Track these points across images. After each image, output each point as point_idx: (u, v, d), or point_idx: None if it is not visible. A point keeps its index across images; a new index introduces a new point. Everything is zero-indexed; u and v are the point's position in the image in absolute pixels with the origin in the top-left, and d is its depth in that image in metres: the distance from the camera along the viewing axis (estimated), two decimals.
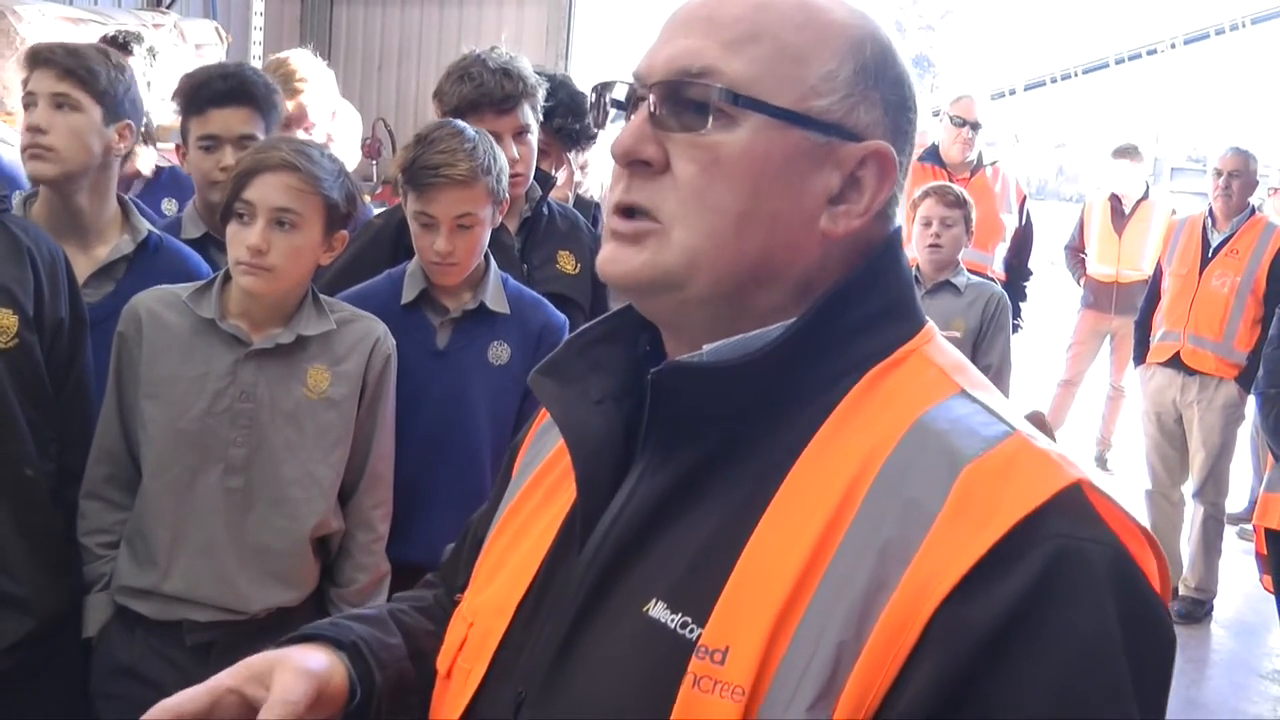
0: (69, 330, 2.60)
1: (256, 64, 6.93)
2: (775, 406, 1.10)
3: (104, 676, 2.59)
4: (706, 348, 1.12)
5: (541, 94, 3.27)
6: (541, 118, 3.31)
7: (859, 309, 1.13)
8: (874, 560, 0.97)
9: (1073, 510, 0.99)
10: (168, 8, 8.83)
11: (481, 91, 3.13)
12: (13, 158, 3.36)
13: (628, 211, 1.13)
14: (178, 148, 3.35)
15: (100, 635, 2.59)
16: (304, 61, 4.06)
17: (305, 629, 1.32)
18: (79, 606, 2.59)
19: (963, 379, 1.12)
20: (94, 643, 2.60)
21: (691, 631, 1.02)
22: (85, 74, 2.74)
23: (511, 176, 3.08)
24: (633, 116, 1.15)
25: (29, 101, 2.76)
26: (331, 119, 4.32)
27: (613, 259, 1.14)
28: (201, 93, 3.17)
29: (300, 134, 3.77)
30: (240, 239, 2.50)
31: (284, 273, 2.52)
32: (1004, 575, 0.94)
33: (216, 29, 8.29)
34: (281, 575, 2.59)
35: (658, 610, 1.06)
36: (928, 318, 1.20)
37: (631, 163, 1.13)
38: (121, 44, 4.06)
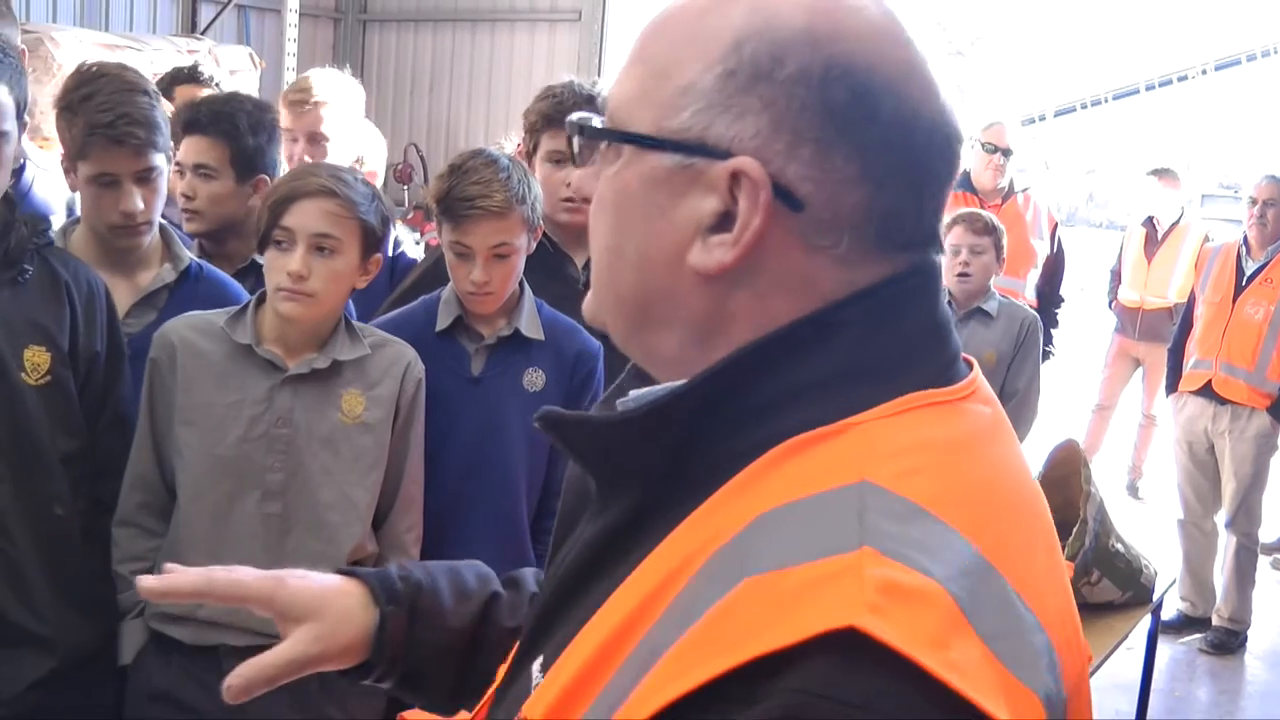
0: (105, 363, 2.60)
1: None
2: (685, 472, 0.94)
3: (139, 702, 2.59)
4: (633, 393, 1.02)
5: None
6: None
7: (792, 371, 0.92)
8: (639, 668, 0.82)
9: (835, 657, 0.73)
10: (202, 34, 8.91)
11: (560, 109, 3.14)
12: (43, 194, 3.37)
13: None
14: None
15: (135, 661, 2.60)
16: (321, 79, 4.09)
17: (393, 578, 1.33)
18: (110, 641, 2.59)
19: (885, 467, 0.85)
20: (129, 669, 2.60)
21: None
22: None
23: (573, 202, 3.09)
24: None
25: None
26: (351, 138, 4.35)
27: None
28: (178, 121, 3.18)
29: (327, 147, 3.79)
30: (280, 265, 2.51)
31: (324, 298, 2.54)
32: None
33: (250, 55, 8.36)
34: None
35: (535, 667, 1.00)
36: (962, 362, 0.99)
37: (585, 200, 1.07)
38: (189, 76, 4.11)
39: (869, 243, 0.94)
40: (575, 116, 1.04)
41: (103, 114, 2.63)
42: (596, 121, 1.02)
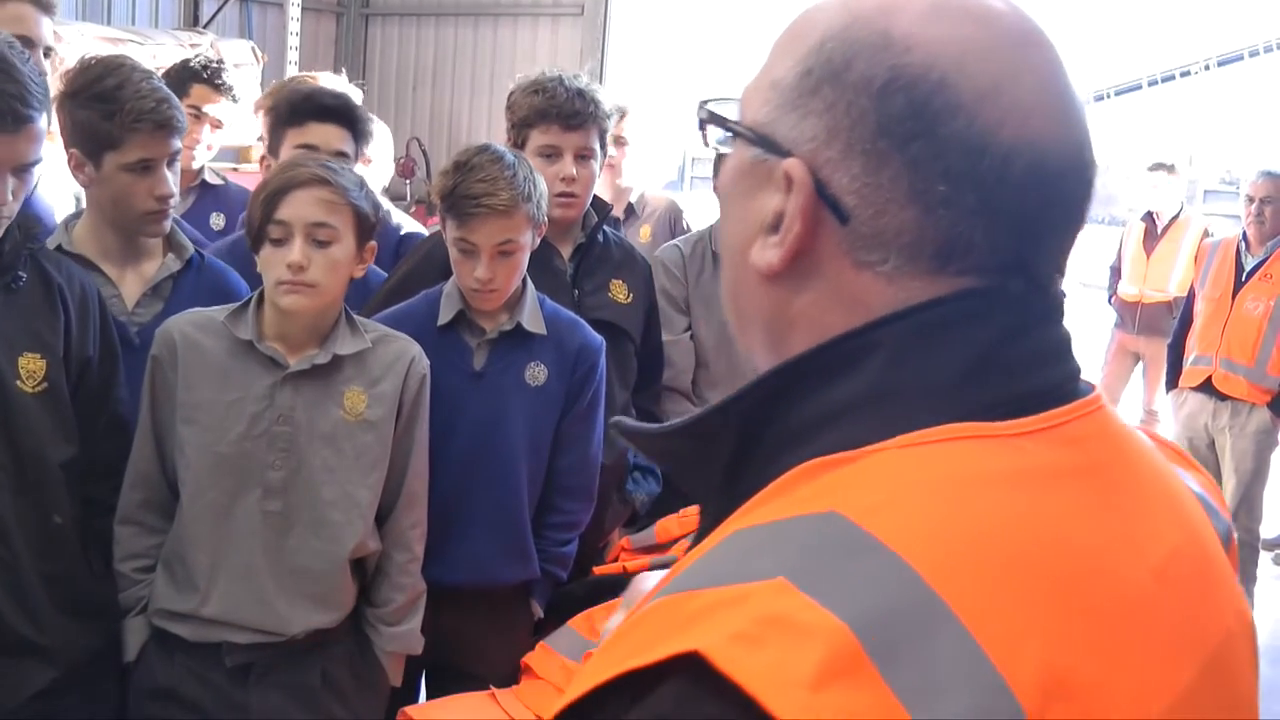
0: (99, 365, 2.58)
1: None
2: (737, 489, 0.90)
3: (142, 699, 2.59)
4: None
5: (613, 123, 3.29)
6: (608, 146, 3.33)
7: (828, 392, 0.89)
8: None
9: (687, 683, 0.73)
10: (204, 28, 8.92)
11: (553, 104, 3.16)
12: (47, 192, 3.37)
13: None
14: (262, 159, 3.44)
15: (138, 659, 2.60)
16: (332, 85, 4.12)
17: None
18: (110, 644, 2.59)
19: (864, 499, 0.81)
20: (131, 666, 2.60)
21: None
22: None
23: (567, 196, 3.10)
24: None
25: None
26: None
27: None
28: (305, 106, 3.28)
29: None
30: (278, 259, 2.50)
31: (325, 289, 2.53)
32: None
33: (253, 49, 8.36)
34: (320, 597, 2.60)
35: None
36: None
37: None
38: (209, 79, 4.13)
39: (923, 264, 0.89)
40: (706, 102, 1.01)
41: (144, 100, 2.68)
42: (729, 110, 0.99)
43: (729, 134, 0.97)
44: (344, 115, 3.30)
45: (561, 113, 3.16)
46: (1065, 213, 0.92)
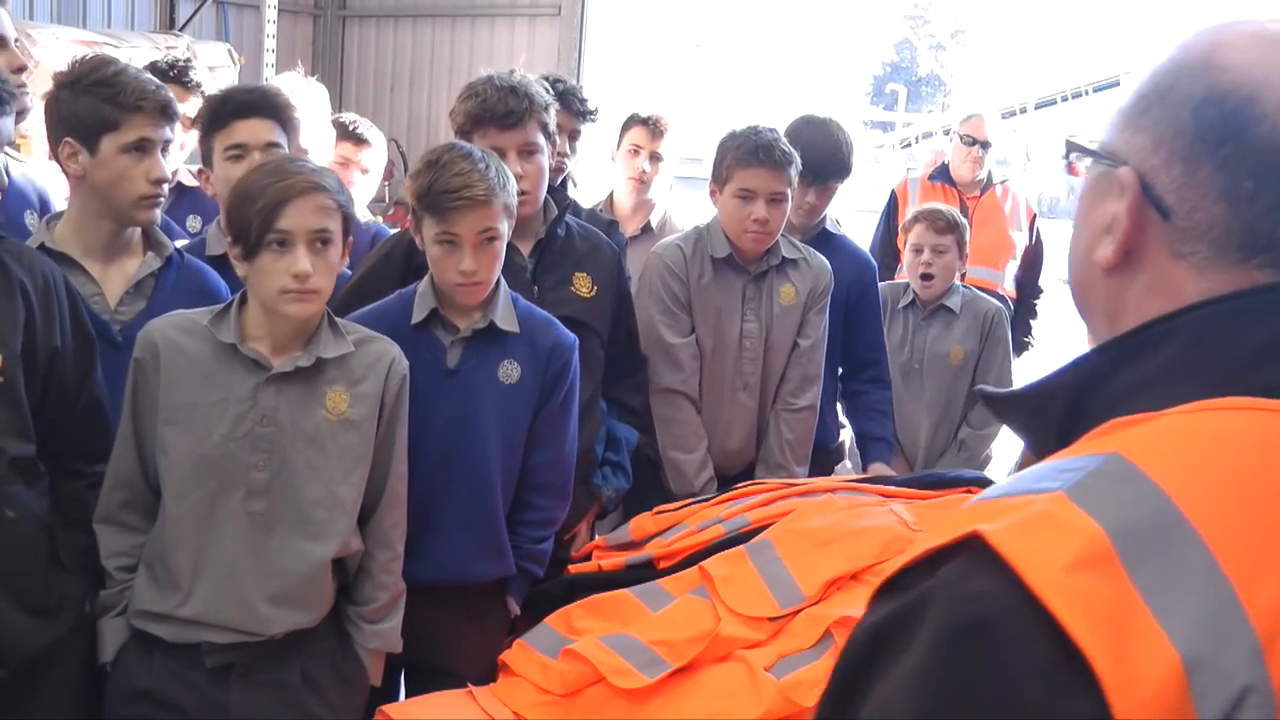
0: (73, 353, 2.57)
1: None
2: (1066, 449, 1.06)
3: (121, 700, 2.59)
4: None
5: (553, 114, 3.26)
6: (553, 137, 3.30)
7: (1138, 368, 1.04)
8: None
9: (970, 558, 0.91)
10: (180, 30, 8.88)
11: (485, 107, 3.14)
12: (26, 181, 3.38)
13: None
14: (199, 172, 3.39)
15: (117, 660, 2.59)
16: (290, 84, 4.11)
17: None
18: (72, 638, 2.58)
19: (1147, 446, 0.96)
20: (110, 667, 2.60)
21: None
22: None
23: (519, 195, 3.09)
24: None
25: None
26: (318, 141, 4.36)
27: None
28: (225, 107, 3.25)
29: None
30: (281, 267, 2.50)
31: (325, 292, 2.57)
32: (885, 601, 0.95)
33: (229, 51, 8.33)
34: (301, 598, 2.60)
35: None
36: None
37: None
38: (176, 76, 4.11)
39: (1230, 256, 1.03)
40: (1072, 137, 1.19)
41: (145, 84, 2.79)
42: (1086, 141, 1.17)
43: (1085, 156, 1.15)
44: (265, 107, 3.28)
45: (495, 114, 3.14)
46: None
